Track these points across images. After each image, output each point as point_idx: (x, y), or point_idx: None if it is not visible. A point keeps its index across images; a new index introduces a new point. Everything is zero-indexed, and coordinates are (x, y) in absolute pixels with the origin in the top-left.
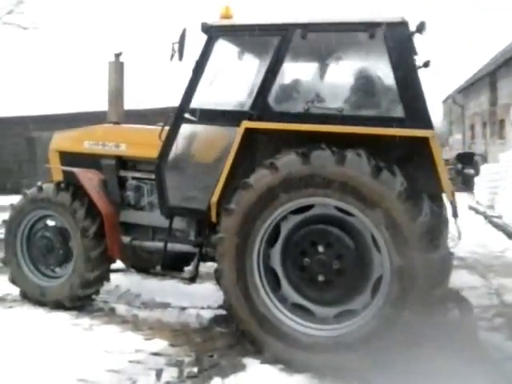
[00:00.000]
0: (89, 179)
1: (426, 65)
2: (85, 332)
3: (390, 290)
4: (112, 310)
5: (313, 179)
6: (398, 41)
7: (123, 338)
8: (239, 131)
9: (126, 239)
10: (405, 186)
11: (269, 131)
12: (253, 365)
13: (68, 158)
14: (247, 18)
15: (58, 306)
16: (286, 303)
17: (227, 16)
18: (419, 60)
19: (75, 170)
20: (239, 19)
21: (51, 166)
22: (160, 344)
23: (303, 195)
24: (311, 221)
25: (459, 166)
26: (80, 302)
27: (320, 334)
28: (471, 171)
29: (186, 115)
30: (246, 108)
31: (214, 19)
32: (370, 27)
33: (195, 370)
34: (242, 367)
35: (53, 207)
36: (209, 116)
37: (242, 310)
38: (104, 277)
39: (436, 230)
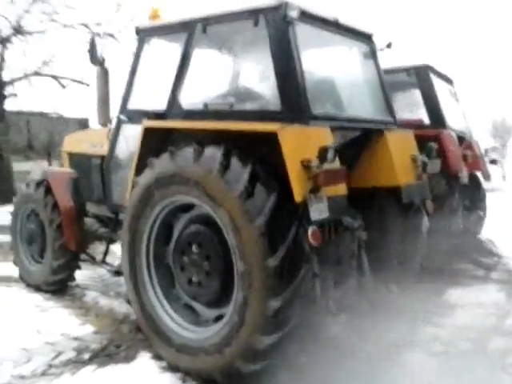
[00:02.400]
0: (56, 178)
1: (389, 46)
2: (39, 313)
3: (236, 298)
4: (83, 296)
5: (175, 177)
6: (277, 27)
7: (62, 322)
8: (140, 130)
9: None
10: (246, 184)
11: (171, 130)
12: (141, 359)
13: (74, 158)
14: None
15: (39, 289)
16: (179, 303)
17: (155, 17)
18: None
19: (47, 169)
20: (163, 19)
21: (62, 165)
22: (87, 330)
23: (171, 193)
24: (194, 220)
25: None
26: (54, 286)
27: (189, 336)
28: None
29: (121, 116)
30: (164, 107)
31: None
32: (252, 14)
33: (86, 356)
34: (129, 360)
35: (34, 202)
36: (137, 116)
37: (135, 305)
38: (70, 265)
39: (279, 235)
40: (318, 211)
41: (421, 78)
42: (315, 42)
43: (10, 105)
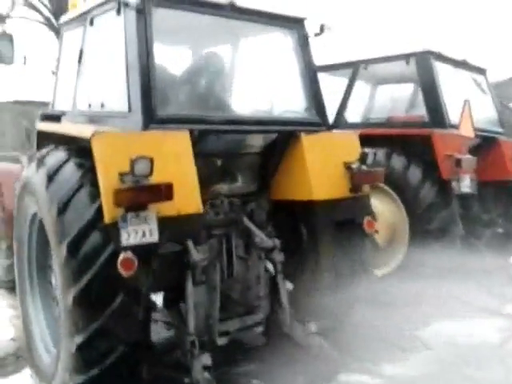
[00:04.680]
0: (5, 175)
1: (322, 29)
2: None
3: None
4: None
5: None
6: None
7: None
8: None
9: None
10: (69, 195)
11: None
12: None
13: None
14: None
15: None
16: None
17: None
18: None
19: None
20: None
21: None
22: (7, 335)
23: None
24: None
25: None
26: (8, 285)
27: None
28: None
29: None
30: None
31: None
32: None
33: None
34: (14, 372)
35: None
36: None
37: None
38: None
39: (86, 260)
40: (134, 234)
41: (419, 66)
42: None
43: None
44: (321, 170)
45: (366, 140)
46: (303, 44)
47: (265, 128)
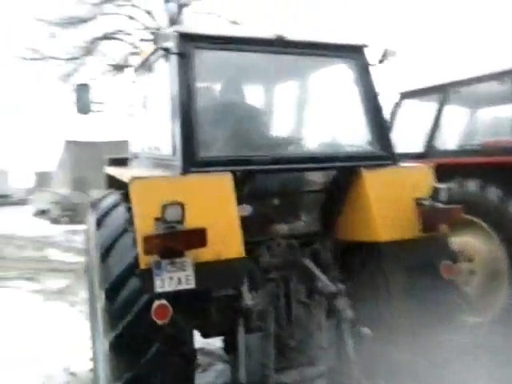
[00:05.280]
0: None
1: (385, 55)
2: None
3: None
4: None
5: None
6: None
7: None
8: None
9: None
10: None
11: None
12: None
13: None
14: None
15: None
16: None
17: None
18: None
19: None
20: None
21: None
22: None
23: None
24: None
25: None
26: None
27: None
28: None
29: None
30: None
31: None
32: None
33: None
34: None
35: None
36: None
37: None
38: None
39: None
40: (168, 281)
41: None
42: None
43: None
44: (387, 208)
45: (458, 170)
46: (364, 73)
47: (318, 165)
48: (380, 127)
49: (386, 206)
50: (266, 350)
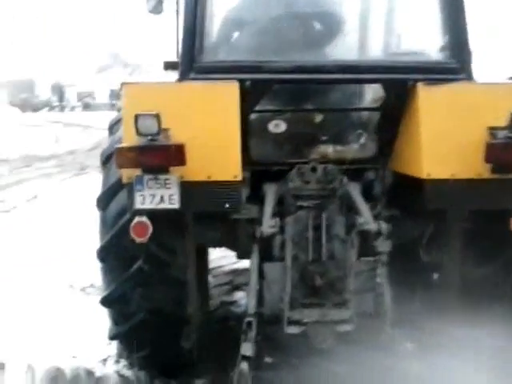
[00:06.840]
0: None
1: None
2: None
3: None
4: None
5: None
6: None
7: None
8: None
9: None
10: None
11: None
12: None
13: None
14: None
15: None
16: None
17: None
18: None
19: None
20: None
21: None
22: None
23: None
24: None
25: None
26: None
27: None
28: None
29: None
30: None
31: None
32: None
33: None
34: None
35: None
36: None
37: None
38: None
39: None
40: (150, 198)
41: None
42: None
43: None
44: (445, 138)
45: None
46: None
47: (360, 77)
48: (456, 30)
49: (445, 135)
50: (282, 282)
